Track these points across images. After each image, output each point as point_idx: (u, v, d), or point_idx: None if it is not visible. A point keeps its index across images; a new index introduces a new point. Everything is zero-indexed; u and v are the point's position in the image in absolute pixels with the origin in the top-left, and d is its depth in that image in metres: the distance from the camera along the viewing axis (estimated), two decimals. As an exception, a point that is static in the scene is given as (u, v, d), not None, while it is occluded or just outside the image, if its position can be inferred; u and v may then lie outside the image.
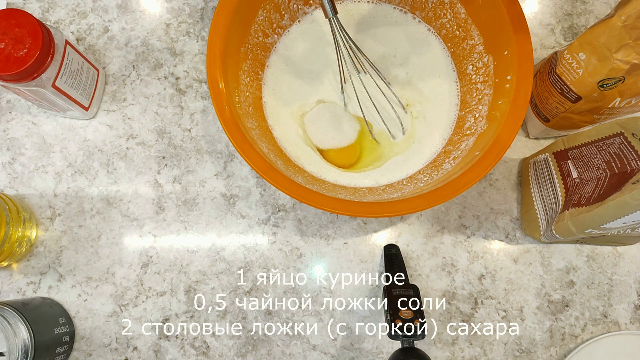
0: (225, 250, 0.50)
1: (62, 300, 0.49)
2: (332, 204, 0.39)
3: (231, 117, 0.41)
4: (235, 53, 0.45)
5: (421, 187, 0.44)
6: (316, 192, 0.40)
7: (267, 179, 0.40)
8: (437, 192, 0.39)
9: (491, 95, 0.44)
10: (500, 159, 0.40)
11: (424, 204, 0.39)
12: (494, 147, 0.40)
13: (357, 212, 0.39)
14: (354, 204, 0.40)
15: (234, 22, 0.43)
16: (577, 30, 0.56)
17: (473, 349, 0.49)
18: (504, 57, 0.43)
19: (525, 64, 0.41)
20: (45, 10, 0.56)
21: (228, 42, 0.43)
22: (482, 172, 0.39)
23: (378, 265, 0.50)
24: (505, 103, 0.41)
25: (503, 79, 0.42)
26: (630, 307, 0.50)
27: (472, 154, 0.42)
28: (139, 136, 0.53)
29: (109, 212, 0.51)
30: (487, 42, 0.45)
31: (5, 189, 0.51)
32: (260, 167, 0.40)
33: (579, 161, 0.44)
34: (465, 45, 0.48)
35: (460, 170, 0.41)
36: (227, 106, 0.41)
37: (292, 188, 0.39)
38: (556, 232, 0.44)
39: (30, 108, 0.53)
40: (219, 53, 0.42)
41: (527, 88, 0.41)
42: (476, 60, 0.46)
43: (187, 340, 0.49)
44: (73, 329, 0.48)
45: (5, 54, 0.41)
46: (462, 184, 0.39)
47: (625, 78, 0.41)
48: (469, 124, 0.46)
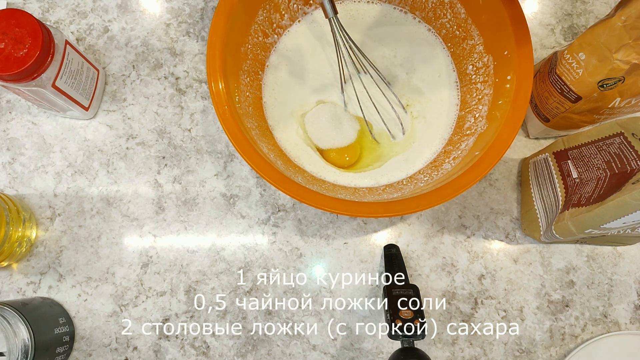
0: (225, 250, 0.50)
1: (62, 300, 0.49)
2: (332, 204, 0.39)
3: (231, 117, 0.41)
4: (236, 53, 0.45)
5: (421, 187, 0.44)
6: (316, 192, 0.40)
7: (267, 178, 0.40)
8: (437, 192, 0.39)
9: (491, 95, 0.44)
10: (500, 159, 0.40)
11: (424, 204, 0.39)
12: (493, 147, 0.40)
13: (357, 212, 0.39)
14: (353, 204, 0.40)
15: (234, 22, 0.43)
16: (577, 30, 0.56)
17: (473, 349, 0.49)
18: (504, 57, 0.43)
19: (526, 64, 0.41)
20: (45, 10, 0.56)
21: (228, 42, 0.43)
22: (482, 173, 0.39)
23: (378, 265, 0.50)
24: (506, 103, 0.41)
25: (503, 79, 0.42)
26: (630, 307, 0.50)
27: (472, 154, 0.42)
28: (139, 136, 0.53)
29: (109, 212, 0.51)
30: (487, 42, 0.45)
31: (5, 189, 0.51)
32: (260, 167, 0.40)
33: (579, 161, 0.44)
34: (465, 45, 0.48)
35: (460, 170, 0.41)
36: (227, 106, 0.41)
37: (292, 188, 0.39)
38: (556, 232, 0.44)
39: (30, 108, 0.53)
40: (219, 53, 0.42)
41: (527, 88, 0.41)
42: (476, 60, 0.46)
43: (187, 340, 0.49)
44: (73, 329, 0.48)
45: (5, 54, 0.41)
46: (462, 184, 0.39)
47: (625, 78, 0.41)
48: (469, 124, 0.46)
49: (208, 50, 0.42)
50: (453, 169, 0.43)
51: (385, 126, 0.49)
